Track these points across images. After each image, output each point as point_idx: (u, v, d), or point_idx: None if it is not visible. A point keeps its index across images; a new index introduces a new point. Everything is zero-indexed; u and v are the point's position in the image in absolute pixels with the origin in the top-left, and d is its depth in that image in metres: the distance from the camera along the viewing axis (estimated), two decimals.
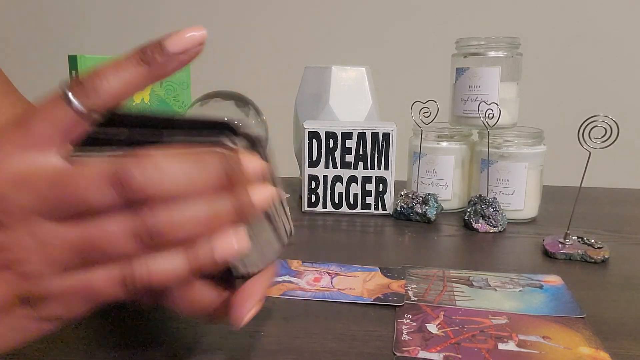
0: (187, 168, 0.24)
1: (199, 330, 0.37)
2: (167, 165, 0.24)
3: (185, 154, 0.25)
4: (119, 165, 0.23)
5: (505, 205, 0.65)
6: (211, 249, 0.25)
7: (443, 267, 0.50)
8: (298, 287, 0.45)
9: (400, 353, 0.35)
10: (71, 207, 0.24)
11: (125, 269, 0.25)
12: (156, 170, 0.24)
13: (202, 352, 0.35)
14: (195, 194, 0.25)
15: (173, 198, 0.24)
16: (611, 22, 1.24)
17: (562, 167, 0.90)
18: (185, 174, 0.24)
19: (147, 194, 0.24)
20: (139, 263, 0.25)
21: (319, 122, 0.69)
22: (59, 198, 0.24)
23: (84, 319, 0.38)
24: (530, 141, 0.65)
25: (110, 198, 0.24)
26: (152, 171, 0.23)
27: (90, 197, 0.24)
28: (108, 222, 0.24)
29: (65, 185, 0.24)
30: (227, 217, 0.25)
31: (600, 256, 0.52)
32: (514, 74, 0.68)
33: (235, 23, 1.36)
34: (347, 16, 1.33)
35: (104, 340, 0.36)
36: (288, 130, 0.83)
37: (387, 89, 1.16)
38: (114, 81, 0.25)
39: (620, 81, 1.26)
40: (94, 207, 0.24)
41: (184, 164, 0.24)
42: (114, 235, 0.24)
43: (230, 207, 0.25)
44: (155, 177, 0.23)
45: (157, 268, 0.25)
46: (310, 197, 0.69)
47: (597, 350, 0.35)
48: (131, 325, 0.38)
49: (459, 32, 0.82)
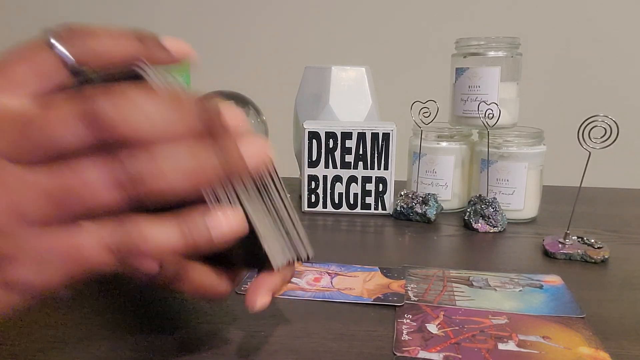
0: (163, 106, 0.22)
1: (200, 331, 0.37)
2: (141, 101, 0.22)
3: (159, 92, 0.23)
4: (90, 100, 0.22)
5: (505, 205, 0.65)
6: (206, 226, 0.24)
7: (443, 267, 0.50)
8: (298, 287, 0.45)
9: (400, 353, 0.35)
10: (41, 149, 0.22)
11: (115, 232, 0.23)
12: (130, 104, 0.22)
13: (203, 352, 0.35)
14: (175, 138, 0.23)
15: (152, 142, 0.22)
16: (611, 22, 1.24)
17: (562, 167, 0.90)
18: (160, 110, 0.22)
19: (122, 132, 0.22)
20: (130, 226, 0.23)
21: (319, 122, 0.69)
22: (27, 138, 0.22)
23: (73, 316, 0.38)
24: (530, 141, 0.65)
25: (83, 137, 0.22)
26: (125, 105, 0.22)
27: (61, 136, 0.22)
28: (84, 166, 0.22)
29: (34, 123, 0.22)
30: (213, 169, 0.24)
31: (600, 256, 0.52)
32: (514, 74, 0.68)
33: (235, 23, 1.36)
34: (347, 16, 1.33)
35: (104, 341, 0.36)
36: (288, 130, 0.83)
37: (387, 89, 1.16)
38: (105, 41, 0.25)
39: (620, 81, 1.26)
40: (67, 148, 0.22)
41: (160, 101, 0.23)
42: (92, 182, 0.22)
43: (215, 159, 0.24)
44: (129, 111, 0.22)
45: (150, 236, 0.23)
46: (310, 197, 0.69)
47: (597, 350, 0.35)
48: (131, 327, 0.38)
49: (459, 32, 0.81)
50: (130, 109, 0.22)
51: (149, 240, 0.23)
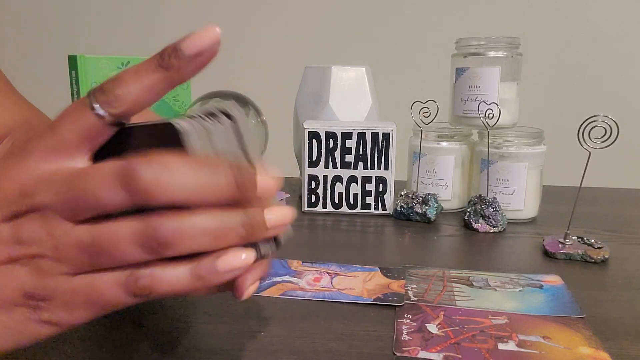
0: (197, 173, 0.24)
1: (200, 331, 0.37)
2: (176, 167, 0.24)
3: (197, 160, 0.25)
4: (129, 164, 0.24)
5: (505, 205, 0.65)
6: (216, 270, 0.25)
7: (443, 267, 0.50)
8: (298, 287, 0.45)
9: (400, 353, 0.35)
10: (85, 206, 0.24)
11: (130, 275, 0.25)
12: (165, 171, 0.24)
13: (203, 352, 0.35)
14: (205, 203, 0.25)
15: (182, 206, 0.24)
16: (611, 22, 1.24)
17: (562, 167, 0.90)
18: (195, 179, 0.24)
19: (155, 197, 0.24)
20: (144, 270, 0.25)
21: (319, 122, 0.69)
22: (75, 196, 0.24)
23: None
24: (530, 141, 0.65)
25: (120, 198, 0.24)
26: (160, 171, 0.23)
27: (101, 196, 0.24)
28: (118, 225, 0.24)
29: (81, 183, 0.24)
30: (236, 233, 0.25)
31: (600, 256, 0.52)
32: (514, 74, 0.68)
33: (235, 23, 1.36)
34: (347, 16, 1.33)
35: (104, 341, 0.36)
36: (288, 130, 0.83)
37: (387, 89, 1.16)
38: (135, 88, 0.26)
39: (620, 81, 1.26)
40: (105, 207, 0.24)
41: (195, 168, 0.24)
42: (122, 240, 0.24)
43: (239, 223, 0.25)
44: (163, 178, 0.23)
45: (161, 277, 0.25)
46: (310, 197, 0.69)
47: (597, 350, 0.35)
48: (131, 326, 0.38)
49: (459, 32, 0.82)
50: (165, 175, 0.24)
51: (159, 281, 0.25)
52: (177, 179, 0.24)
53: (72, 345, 0.35)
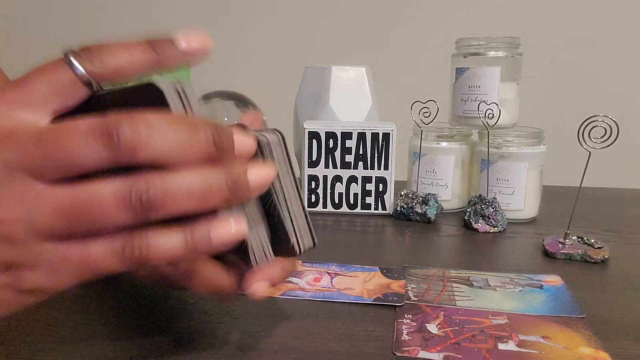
0: (178, 130, 0.24)
1: (200, 331, 0.37)
2: (158, 124, 0.23)
3: (177, 117, 0.24)
4: (110, 120, 0.23)
5: (505, 205, 0.65)
6: (208, 233, 0.25)
7: (443, 267, 0.50)
8: (298, 287, 0.45)
9: (400, 353, 0.35)
10: (59, 165, 0.23)
11: (124, 241, 0.24)
12: (147, 128, 0.23)
13: (202, 352, 0.35)
14: (185, 161, 0.24)
15: (165, 165, 0.24)
16: (611, 23, 1.24)
17: (562, 167, 0.90)
18: (176, 135, 0.23)
19: (137, 153, 0.23)
20: (137, 236, 0.24)
21: (319, 122, 0.69)
22: (46, 154, 0.23)
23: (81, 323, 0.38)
24: (530, 141, 0.65)
25: (99, 155, 0.23)
26: (142, 128, 0.23)
27: (78, 153, 0.23)
28: (98, 186, 0.23)
29: (53, 140, 0.23)
30: (220, 192, 0.25)
31: (600, 256, 0.52)
32: (514, 74, 0.68)
33: (236, 23, 1.36)
34: (347, 16, 1.33)
35: (104, 341, 0.36)
36: (288, 130, 0.83)
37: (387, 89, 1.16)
38: (121, 58, 0.26)
39: (620, 81, 1.26)
40: (83, 166, 0.23)
41: (175, 125, 0.24)
42: (103, 201, 0.23)
43: (223, 182, 0.25)
44: (145, 134, 0.23)
45: (155, 244, 0.24)
46: (310, 197, 0.69)
47: (597, 350, 0.35)
48: (131, 326, 0.38)
49: (459, 32, 0.81)
50: (146, 131, 0.23)
51: (154, 249, 0.25)
52: (159, 134, 0.23)
53: (72, 345, 0.35)
